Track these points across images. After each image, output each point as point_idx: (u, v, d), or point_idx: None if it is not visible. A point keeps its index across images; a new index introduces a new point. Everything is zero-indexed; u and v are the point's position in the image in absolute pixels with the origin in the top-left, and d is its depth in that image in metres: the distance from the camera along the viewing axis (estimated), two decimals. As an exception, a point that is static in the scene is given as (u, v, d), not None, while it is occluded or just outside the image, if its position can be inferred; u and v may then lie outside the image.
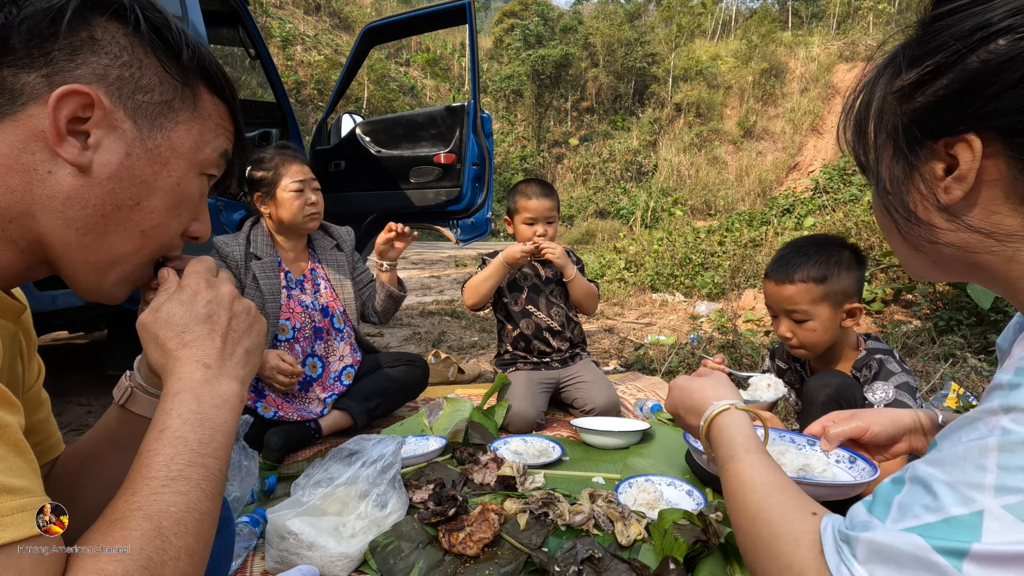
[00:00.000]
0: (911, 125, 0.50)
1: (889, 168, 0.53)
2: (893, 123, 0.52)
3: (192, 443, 0.51)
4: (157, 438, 0.51)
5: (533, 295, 2.34)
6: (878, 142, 0.54)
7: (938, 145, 0.48)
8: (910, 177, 0.51)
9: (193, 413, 0.53)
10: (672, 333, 4.13)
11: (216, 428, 0.53)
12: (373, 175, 3.69)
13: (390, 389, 2.06)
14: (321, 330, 2.01)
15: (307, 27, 25.95)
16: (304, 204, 1.92)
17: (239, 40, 3.74)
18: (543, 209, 2.24)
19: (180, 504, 0.48)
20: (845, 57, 28.55)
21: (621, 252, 8.30)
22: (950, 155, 0.48)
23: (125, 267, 0.58)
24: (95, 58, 0.53)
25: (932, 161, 0.50)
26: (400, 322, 4.51)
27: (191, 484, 0.49)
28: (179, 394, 0.54)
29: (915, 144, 0.50)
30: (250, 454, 1.47)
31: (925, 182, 0.50)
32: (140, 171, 0.55)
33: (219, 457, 0.53)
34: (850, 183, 10.73)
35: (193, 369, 0.56)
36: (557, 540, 1.30)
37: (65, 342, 3.78)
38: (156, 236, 0.58)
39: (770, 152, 26.71)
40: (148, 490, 0.47)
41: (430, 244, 16.03)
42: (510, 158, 27.26)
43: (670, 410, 0.87)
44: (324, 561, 1.18)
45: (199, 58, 0.59)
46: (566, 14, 36.88)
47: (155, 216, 0.57)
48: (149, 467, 0.49)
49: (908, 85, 0.50)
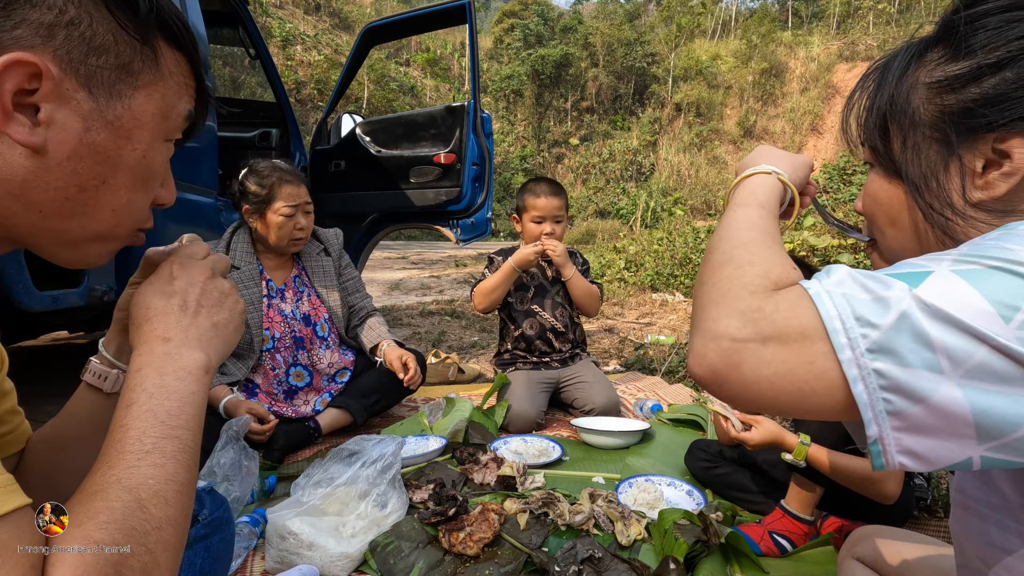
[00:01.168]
0: (959, 116, 0.49)
1: (918, 160, 0.52)
2: (933, 113, 0.50)
3: (161, 415, 0.50)
4: (126, 413, 0.50)
5: (539, 295, 2.34)
6: (907, 134, 0.53)
7: (987, 138, 0.47)
8: (946, 168, 0.50)
9: (157, 387, 0.51)
10: (672, 333, 4.13)
11: (183, 399, 0.52)
12: (373, 175, 3.69)
13: (388, 384, 2.04)
14: (302, 339, 1.97)
15: (307, 27, 25.96)
16: (292, 229, 1.90)
17: (239, 40, 3.73)
18: (551, 208, 2.25)
19: (158, 476, 0.47)
20: (845, 57, 28.56)
21: (621, 252, 8.31)
22: (997, 150, 0.47)
23: (102, 243, 0.56)
24: (34, 12, 0.45)
25: (972, 155, 0.49)
26: (400, 322, 4.51)
27: (166, 456, 0.48)
28: (141, 369, 0.52)
29: (962, 134, 0.48)
30: (250, 454, 1.47)
31: (961, 176, 0.49)
32: (102, 147, 0.50)
33: (190, 428, 0.51)
34: (850, 183, 10.73)
35: (154, 344, 0.54)
36: (557, 540, 1.30)
37: (65, 342, 3.78)
38: (128, 213, 0.55)
39: (770, 152, 26.68)
40: (124, 464, 0.47)
41: (430, 244, 16.03)
42: (510, 158, 27.26)
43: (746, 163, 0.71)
44: (324, 561, 1.18)
45: (158, 8, 0.52)
46: (566, 14, 36.90)
47: (123, 193, 0.53)
48: (122, 441, 0.48)
49: (955, 76, 0.49)
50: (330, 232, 2.15)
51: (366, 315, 2.15)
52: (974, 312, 0.38)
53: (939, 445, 0.39)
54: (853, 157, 1.32)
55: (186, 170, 2.41)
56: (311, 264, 2.06)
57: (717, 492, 1.58)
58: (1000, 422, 0.37)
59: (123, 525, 0.43)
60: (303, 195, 1.92)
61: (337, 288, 2.08)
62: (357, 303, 2.16)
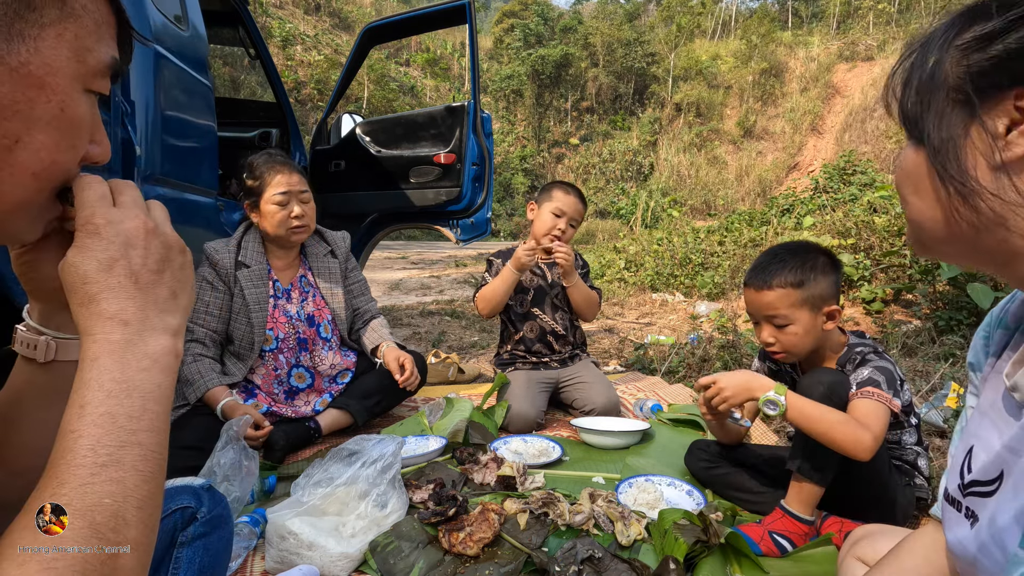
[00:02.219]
0: (981, 75, 0.49)
1: (940, 124, 0.52)
2: (958, 73, 0.50)
3: (121, 419, 0.43)
4: (79, 416, 0.43)
5: (538, 297, 2.34)
6: (933, 97, 0.53)
7: (1008, 95, 0.47)
8: (967, 132, 0.50)
9: (116, 382, 0.44)
10: (672, 333, 4.13)
11: (147, 395, 0.45)
12: (373, 175, 3.69)
13: (389, 386, 2.03)
14: (306, 340, 1.97)
15: (307, 27, 25.96)
16: (287, 217, 1.85)
17: (239, 40, 3.74)
18: (574, 210, 2.25)
19: (116, 494, 0.41)
20: (845, 57, 28.56)
21: (621, 252, 8.30)
22: (1020, 108, 0.47)
23: (27, 213, 0.48)
24: None
25: (995, 114, 0.48)
26: (400, 322, 4.51)
27: (125, 468, 0.42)
28: (97, 359, 0.45)
29: (984, 92, 0.48)
30: (250, 454, 1.47)
31: (983, 138, 0.49)
32: (9, 100, 0.43)
33: (155, 429, 0.45)
34: (850, 183, 10.73)
35: (110, 328, 0.46)
36: (557, 540, 1.30)
37: (65, 342, 3.78)
38: (53, 175, 0.48)
39: (770, 152, 26.72)
40: (76, 480, 0.41)
41: (430, 244, 16.04)
42: (510, 158, 27.27)
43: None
44: (324, 561, 1.18)
45: None
46: (566, 14, 36.90)
47: (44, 154, 0.46)
48: (74, 452, 0.41)
49: (982, 36, 0.49)
50: (338, 235, 2.16)
51: (370, 318, 2.15)
52: None
53: None
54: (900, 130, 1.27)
55: (186, 170, 2.41)
56: (318, 265, 2.06)
57: (717, 492, 1.58)
58: None
59: (73, 560, 0.38)
60: (296, 182, 1.88)
61: (342, 290, 2.08)
62: (362, 306, 2.16)
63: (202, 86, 2.53)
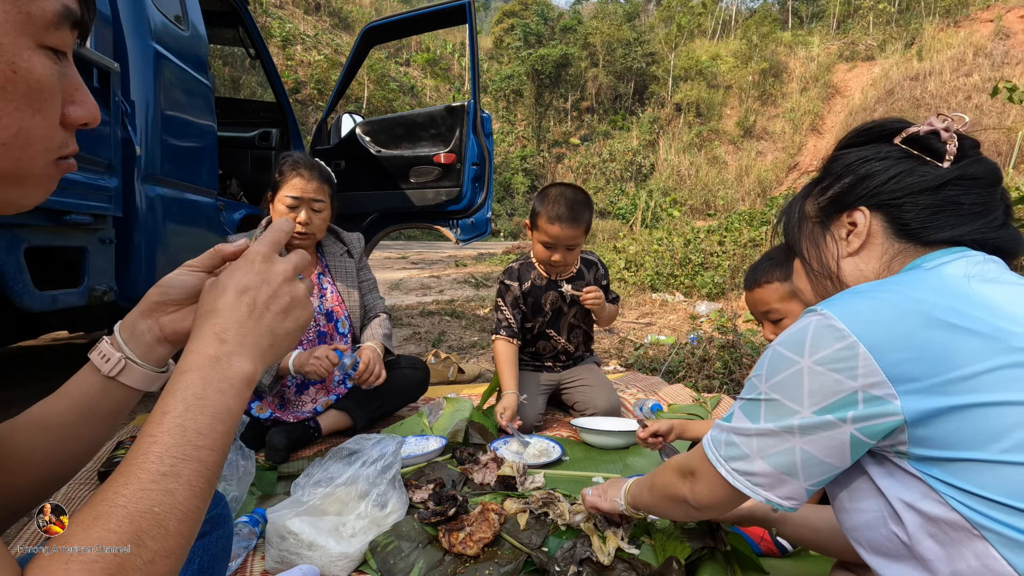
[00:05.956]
0: (826, 207, 0.81)
1: (808, 241, 0.84)
2: (815, 210, 0.83)
3: (190, 433, 0.46)
4: (159, 422, 0.46)
5: (555, 319, 2.25)
6: (802, 224, 0.85)
7: (842, 216, 0.79)
8: (824, 241, 0.81)
9: (197, 397, 0.47)
10: (672, 333, 4.13)
11: (216, 415, 0.48)
12: (373, 175, 3.69)
13: (391, 392, 2.05)
14: (325, 335, 2.00)
15: (307, 27, 25.97)
16: (292, 221, 1.87)
17: (239, 40, 3.74)
18: (565, 237, 2.00)
19: (165, 504, 0.43)
20: (845, 57, 28.57)
21: (621, 252, 8.30)
22: (849, 222, 0.78)
23: (12, 185, 0.46)
24: None
25: (837, 227, 0.80)
26: (400, 322, 4.51)
27: (180, 481, 0.44)
28: (187, 372, 0.48)
29: (829, 216, 0.81)
30: (247, 454, 1.47)
31: (834, 241, 0.80)
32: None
33: (216, 448, 0.47)
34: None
35: (208, 343, 0.50)
36: (557, 540, 1.30)
37: (65, 342, 3.78)
38: (25, 144, 0.44)
39: (770, 152, 26.73)
40: (138, 484, 0.43)
41: (430, 244, 16.04)
42: (510, 158, 27.28)
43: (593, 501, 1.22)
44: (324, 561, 1.18)
45: None
46: (566, 14, 36.91)
47: (7, 121, 0.42)
48: (147, 455, 0.44)
49: (823, 187, 0.82)
50: (353, 236, 2.19)
51: (374, 316, 2.17)
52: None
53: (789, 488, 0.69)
54: None
55: (186, 170, 2.41)
56: (334, 264, 2.09)
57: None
58: (791, 467, 0.68)
59: (109, 563, 0.39)
60: (311, 190, 1.88)
61: (357, 289, 2.11)
62: (370, 302, 2.19)
63: (202, 86, 2.53)
